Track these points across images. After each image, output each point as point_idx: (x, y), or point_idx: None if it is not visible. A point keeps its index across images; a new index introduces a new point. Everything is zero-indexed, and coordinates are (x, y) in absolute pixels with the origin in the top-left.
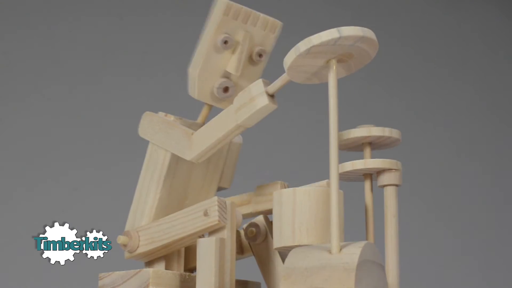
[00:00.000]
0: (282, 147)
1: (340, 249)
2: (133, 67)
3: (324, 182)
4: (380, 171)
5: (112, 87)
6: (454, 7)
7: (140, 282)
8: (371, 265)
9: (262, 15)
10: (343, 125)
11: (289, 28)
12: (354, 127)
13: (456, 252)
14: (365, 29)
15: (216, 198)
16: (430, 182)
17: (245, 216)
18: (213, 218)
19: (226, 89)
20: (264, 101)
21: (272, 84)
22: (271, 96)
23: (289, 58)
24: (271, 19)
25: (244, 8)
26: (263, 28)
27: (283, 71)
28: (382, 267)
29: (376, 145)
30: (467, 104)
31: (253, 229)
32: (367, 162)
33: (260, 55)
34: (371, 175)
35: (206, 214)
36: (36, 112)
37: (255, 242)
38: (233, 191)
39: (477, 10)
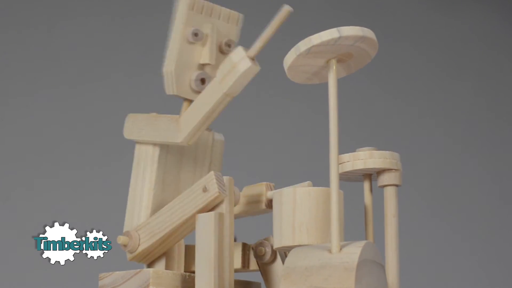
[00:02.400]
0: (282, 147)
1: (340, 249)
2: (133, 67)
3: (305, 183)
4: (380, 171)
5: (112, 87)
6: (453, 8)
7: (140, 282)
8: (371, 264)
9: (223, 8)
10: (343, 125)
11: (289, 28)
12: (354, 126)
13: (456, 252)
14: (365, 29)
15: (212, 172)
16: (430, 182)
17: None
18: (213, 191)
19: (203, 81)
20: (246, 64)
21: (251, 48)
22: (252, 59)
23: (289, 58)
24: (232, 11)
25: (207, 2)
26: (226, 21)
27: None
28: (382, 266)
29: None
30: (467, 104)
31: (263, 248)
32: (367, 162)
33: (229, 45)
34: (371, 175)
35: (205, 190)
36: (36, 112)
37: (263, 261)
38: None
39: (476, 11)
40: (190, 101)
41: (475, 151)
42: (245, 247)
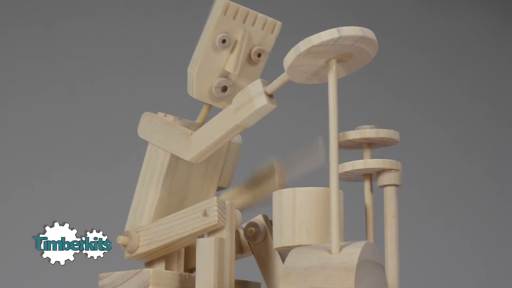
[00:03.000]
0: (282, 147)
1: (340, 249)
2: (133, 67)
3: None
4: (380, 171)
5: (112, 87)
6: (453, 8)
7: (140, 282)
8: (371, 265)
9: (260, 14)
10: (343, 126)
11: (289, 28)
12: (354, 127)
13: (456, 252)
14: (365, 29)
15: (215, 198)
16: (430, 182)
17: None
18: (213, 218)
19: (224, 89)
20: (262, 101)
21: (270, 84)
22: (270, 96)
23: (289, 58)
24: (269, 18)
25: (242, 7)
26: (262, 28)
27: (282, 71)
28: (382, 267)
29: (376, 145)
30: (467, 104)
31: (253, 228)
32: (367, 162)
33: (259, 55)
34: (371, 175)
35: (205, 214)
36: (36, 112)
37: (255, 242)
38: None
39: (476, 11)
40: (210, 106)
41: (475, 151)
42: (236, 233)
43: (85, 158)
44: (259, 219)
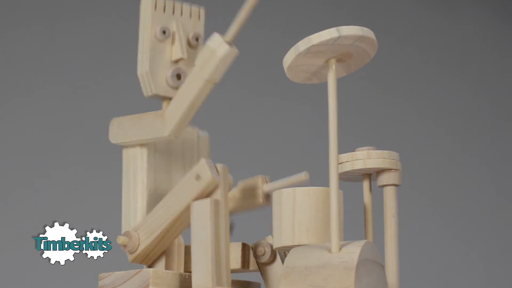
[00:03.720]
0: (282, 147)
1: (340, 248)
2: (134, 67)
3: (301, 173)
4: (379, 171)
5: (112, 87)
6: (453, 9)
7: (140, 282)
8: (370, 264)
9: (183, 4)
10: (343, 125)
11: (288, 28)
12: (354, 126)
13: (456, 252)
14: (365, 28)
15: (203, 159)
16: (430, 182)
17: (230, 212)
18: (206, 177)
19: (179, 76)
20: (225, 48)
21: (227, 32)
22: (230, 44)
23: (288, 58)
24: (192, 6)
25: (167, 0)
26: (189, 16)
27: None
28: (381, 266)
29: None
30: (467, 104)
31: (262, 248)
32: (367, 162)
33: (196, 39)
34: (370, 175)
35: (198, 177)
36: (36, 112)
37: (263, 261)
38: None
39: (476, 11)
40: (169, 99)
41: (475, 151)
42: (244, 247)
43: (85, 158)
44: (270, 238)
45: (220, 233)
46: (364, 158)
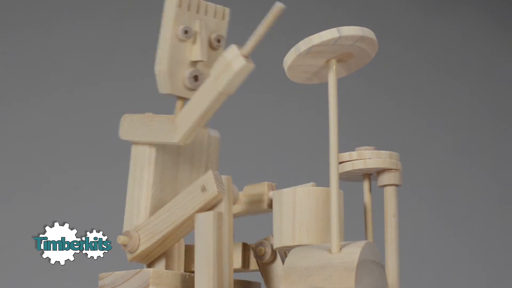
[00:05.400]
0: (282, 147)
1: (340, 249)
2: (134, 67)
3: (309, 184)
4: (380, 171)
5: (112, 87)
6: (452, 9)
7: (140, 282)
8: (371, 264)
9: (209, 3)
10: (343, 125)
11: (289, 28)
12: (354, 126)
13: (456, 252)
14: (365, 29)
15: (210, 171)
16: (430, 182)
17: (234, 216)
18: (212, 191)
19: (196, 78)
20: (240, 62)
21: (245, 46)
22: (246, 57)
23: (289, 58)
24: (218, 6)
25: None
26: (214, 16)
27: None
28: (382, 266)
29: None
30: (467, 104)
31: (263, 248)
32: (367, 162)
33: (218, 41)
34: (370, 175)
35: (204, 189)
36: (36, 112)
37: (264, 261)
38: None
39: (475, 13)
40: (184, 99)
41: (475, 151)
42: (245, 247)
43: (86, 158)
44: (270, 238)
45: (223, 245)
46: (365, 158)
